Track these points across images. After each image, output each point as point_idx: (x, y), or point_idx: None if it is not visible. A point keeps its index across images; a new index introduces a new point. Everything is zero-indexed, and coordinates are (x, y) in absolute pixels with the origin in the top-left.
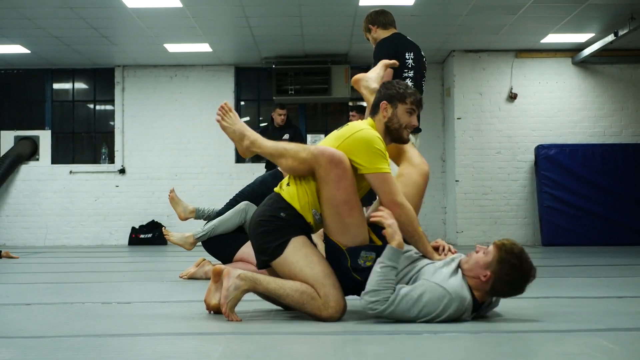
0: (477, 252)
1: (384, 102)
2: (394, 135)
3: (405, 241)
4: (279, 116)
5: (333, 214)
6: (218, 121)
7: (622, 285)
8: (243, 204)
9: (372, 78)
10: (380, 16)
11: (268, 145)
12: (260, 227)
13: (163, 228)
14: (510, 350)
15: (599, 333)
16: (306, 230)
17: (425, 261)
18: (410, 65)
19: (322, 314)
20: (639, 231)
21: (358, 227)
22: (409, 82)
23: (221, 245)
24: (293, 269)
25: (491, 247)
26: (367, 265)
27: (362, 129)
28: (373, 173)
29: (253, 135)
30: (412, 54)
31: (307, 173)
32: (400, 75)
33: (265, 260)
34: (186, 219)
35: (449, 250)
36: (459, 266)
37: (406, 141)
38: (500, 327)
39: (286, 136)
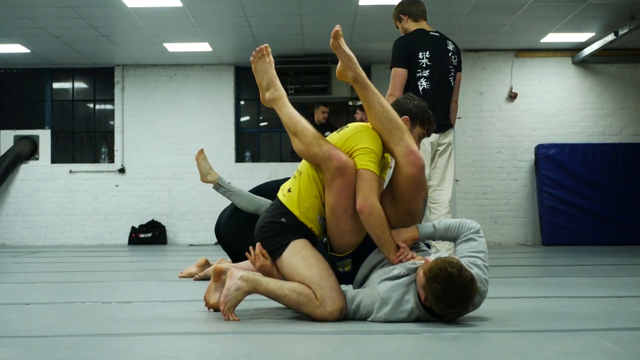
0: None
1: (407, 117)
2: None
3: None
4: (322, 114)
5: (332, 218)
6: (252, 62)
7: (622, 285)
8: (267, 202)
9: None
10: (413, 6)
11: (288, 112)
12: (262, 232)
13: (199, 151)
14: (510, 350)
15: (599, 333)
16: (308, 235)
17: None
18: (424, 65)
19: (319, 315)
20: (639, 231)
21: (352, 234)
22: (423, 82)
23: (239, 236)
24: (291, 272)
25: (421, 272)
26: (346, 270)
27: (364, 130)
28: (358, 169)
29: (281, 92)
30: (427, 53)
31: (310, 160)
32: (414, 75)
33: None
34: (206, 182)
35: (412, 257)
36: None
37: None
38: (500, 327)
39: (327, 133)
